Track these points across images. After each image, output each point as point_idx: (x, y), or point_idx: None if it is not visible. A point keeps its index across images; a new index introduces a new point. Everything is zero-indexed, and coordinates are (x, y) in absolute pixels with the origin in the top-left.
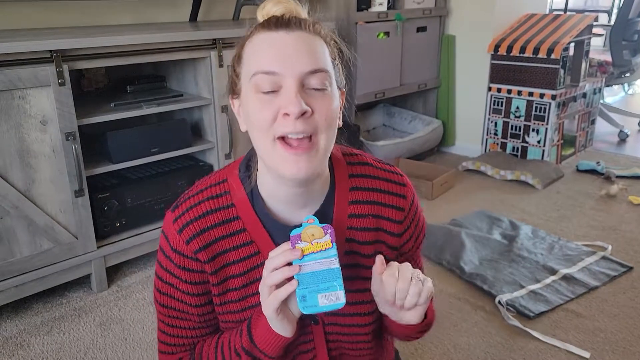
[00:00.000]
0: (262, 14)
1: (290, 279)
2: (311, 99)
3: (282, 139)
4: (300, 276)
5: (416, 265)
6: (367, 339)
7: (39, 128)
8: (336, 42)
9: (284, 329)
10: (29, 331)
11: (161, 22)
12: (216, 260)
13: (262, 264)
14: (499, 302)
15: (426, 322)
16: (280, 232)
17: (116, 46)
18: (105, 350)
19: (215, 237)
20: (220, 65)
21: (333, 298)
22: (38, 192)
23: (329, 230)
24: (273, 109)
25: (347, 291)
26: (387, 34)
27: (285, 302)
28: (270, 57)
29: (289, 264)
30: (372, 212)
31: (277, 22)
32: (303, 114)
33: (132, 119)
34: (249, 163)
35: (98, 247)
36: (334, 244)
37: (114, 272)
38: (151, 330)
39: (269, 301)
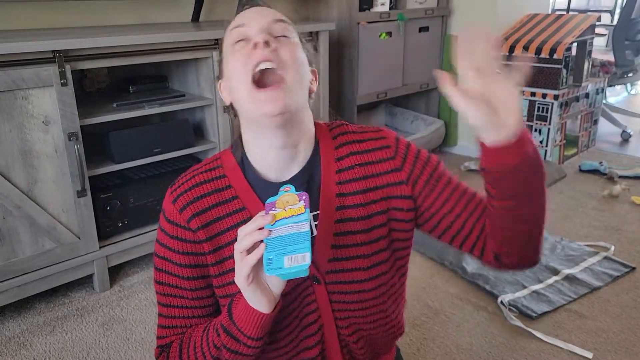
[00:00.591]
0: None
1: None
2: (277, 42)
3: (256, 83)
4: (269, 240)
5: (451, 185)
6: (373, 297)
7: (42, 128)
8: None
9: (258, 301)
10: (31, 331)
11: (163, 22)
12: (210, 227)
13: None
14: (501, 302)
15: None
16: (271, 193)
17: (118, 46)
18: (108, 350)
19: (208, 205)
20: None
21: (299, 260)
22: (40, 192)
23: (304, 197)
24: (245, 51)
25: (339, 247)
26: (389, 34)
27: (257, 271)
28: (240, 17)
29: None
30: (356, 162)
31: (250, 3)
32: (266, 42)
33: (134, 119)
34: (238, 138)
35: (100, 247)
36: (307, 209)
37: (116, 272)
38: (153, 330)
39: (240, 267)
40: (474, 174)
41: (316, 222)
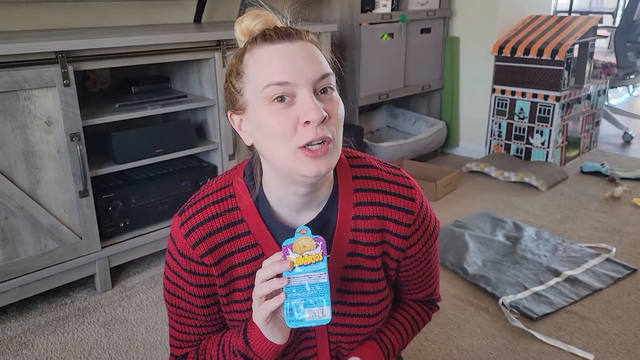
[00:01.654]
0: (240, 28)
1: (280, 290)
2: (323, 104)
3: (303, 147)
4: (289, 289)
5: (426, 269)
6: (370, 332)
7: (44, 129)
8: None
9: (274, 337)
10: (33, 331)
11: (165, 23)
12: (222, 263)
13: None
14: (503, 303)
15: None
16: (284, 234)
17: (121, 47)
18: (109, 350)
19: (221, 240)
20: (225, 66)
21: (319, 313)
22: (43, 193)
23: (320, 243)
24: (291, 118)
25: (348, 292)
26: (391, 35)
27: (275, 312)
28: (280, 68)
29: (280, 274)
30: (376, 213)
31: (278, 34)
32: (323, 119)
33: (136, 119)
34: (252, 168)
35: (102, 248)
36: (325, 257)
37: (118, 273)
38: (155, 330)
39: (259, 311)
40: (476, 174)
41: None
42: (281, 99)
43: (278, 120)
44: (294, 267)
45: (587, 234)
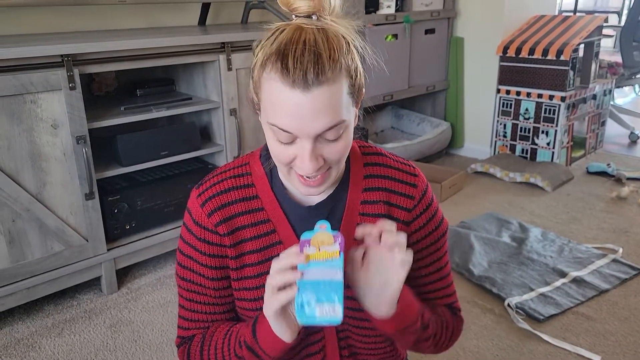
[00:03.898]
0: (284, 2)
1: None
2: (325, 148)
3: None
4: (302, 283)
5: (436, 266)
6: (378, 334)
7: (50, 132)
8: (357, 49)
9: (282, 332)
10: (40, 333)
11: (170, 26)
12: (235, 234)
13: (277, 243)
14: (509, 305)
15: (421, 320)
16: (296, 212)
17: (126, 50)
18: (116, 352)
19: (235, 212)
20: (229, 69)
21: (330, 312)
22: (49, 195)
23: (339, 239)
24: (289, 154)
25: None
26: (395, 36)
27: (285, 307)
28: (286, 116)
29: (295, 267)
30: (383, 198)
31: (294, 77)
32: (319, 167)
33: (141, 122)
34: (269, 151)
35: (108, 250)
36: (342, 254)
37: (124, 275)
38: (161, 332)
39: (270, 302)
40: (481, 175)
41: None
42: (283, 141)
43: (277, 151)
44: (310, 262)
45: (593, 234)
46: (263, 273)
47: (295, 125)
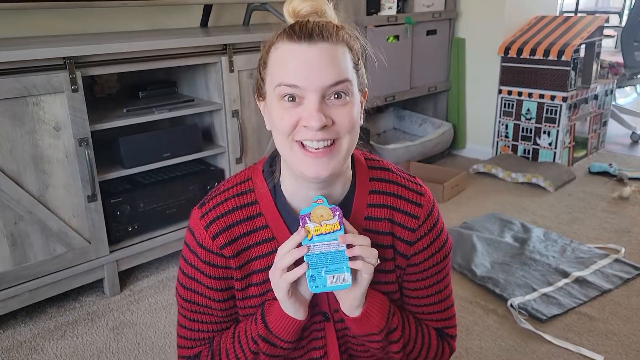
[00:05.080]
0: (287, 8)
1: (300, 262)
2: (332, 110)
3: (301, 143)
4: (309, 257)
5: (436, 288)
6: (375, 340)
7: (53, 134)
8: (359, 41)
9: (296, 311)
10: (42, 335)
11: (172, 28)
12: (240, 256)
13: None
14: (511, 305)
15: (384, 325)
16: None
17: (128, 52)
18: (118, 354)
19: (240, 233)
20: (231, 71)
21: (340, 279)
22: (51, 197)
23: (337, 212)
24: (294, 117)
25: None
26: (396, 37)
27: (295, 285)
28: (292, 70)
29: (299, 245)
30: (387, 216)
31: (300, 33)
32: (323, 127)
33: (144, 124)
34: (272, 163)
35: (111, 252)
36: (342, 225)
37: (126, 277)
38: (163, 334)
39: (279, 284)
40: (483, 176)
41: None
42: (291, 98)
43: (282, 116)
44: (313, 237)
45: (595, 234)
46: (268, 290)
47: (302, 76)
